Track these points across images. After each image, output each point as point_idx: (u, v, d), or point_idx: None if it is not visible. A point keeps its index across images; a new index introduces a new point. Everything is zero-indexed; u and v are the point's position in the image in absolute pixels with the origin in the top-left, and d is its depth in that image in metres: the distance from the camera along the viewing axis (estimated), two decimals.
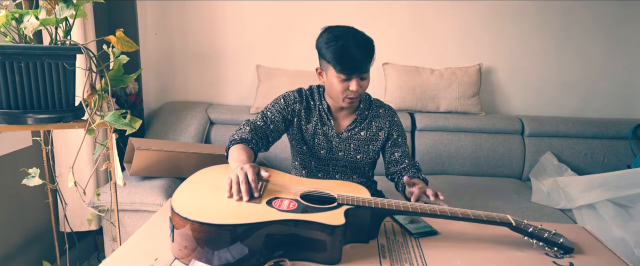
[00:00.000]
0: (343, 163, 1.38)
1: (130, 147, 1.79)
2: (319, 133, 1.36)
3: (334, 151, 1.37)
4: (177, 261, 0.85)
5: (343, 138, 1.36)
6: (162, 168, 1.76)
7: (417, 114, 2.27)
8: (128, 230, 1.73)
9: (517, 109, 2.44)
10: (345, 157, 1.37)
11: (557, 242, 0.95)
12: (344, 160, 1.38)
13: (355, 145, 1.37)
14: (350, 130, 1.36)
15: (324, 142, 1.36)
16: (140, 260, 0.85)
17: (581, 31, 2.32)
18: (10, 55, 1.03)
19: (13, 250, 1.63)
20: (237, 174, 0.93)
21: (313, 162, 1.40)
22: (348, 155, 1.37)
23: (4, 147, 1.55)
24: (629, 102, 2.41)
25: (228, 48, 2.40)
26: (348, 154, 1.37)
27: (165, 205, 1.18)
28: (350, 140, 1.36)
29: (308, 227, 0.85)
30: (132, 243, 0.93)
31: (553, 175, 2.01)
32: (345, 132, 1.35)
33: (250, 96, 2.41)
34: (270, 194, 0.96)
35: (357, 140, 1.36)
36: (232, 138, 1.23)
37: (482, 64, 2.31)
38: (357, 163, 1.39)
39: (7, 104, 1.07)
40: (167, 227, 0.94)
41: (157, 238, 0.94)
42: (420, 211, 0.97)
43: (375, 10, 2.31)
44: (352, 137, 1.36)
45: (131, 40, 1.16)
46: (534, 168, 2.13)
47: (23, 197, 1.66)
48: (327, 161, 1.38)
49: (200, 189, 0.96)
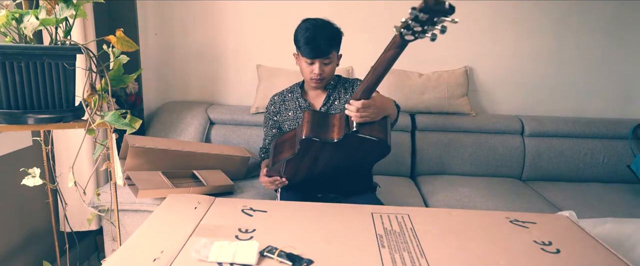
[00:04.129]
0: None
1: (125, 144, 1.79)
2: (299, 116, 1.57)
3: None
4: (181, 253, 0.87)
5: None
6: (157, 166, 1.76)
7: (418, 115, 2.27)
8: (128, 230, 1.73)
9: (517, 109, 2.43)
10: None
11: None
12: None
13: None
14: (326, 104, 1.57)
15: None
16: (146, 254, 0.87)
17: (581, 31, 2.31)
18: (10, 55, 1.03)
19: (13, 250, 1.63)
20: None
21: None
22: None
23: (4, 147, 1.55)
24: (629, 102, 2.41)
25: (228, 48, 2.40)
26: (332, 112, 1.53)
27: (165, 202, 1.19)
28: (328, 113, 1.54)
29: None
30: (137, 238, 0.94)
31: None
32: (322, 107, 1.57)
33: (251, 96, 2.41)
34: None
35: (334, 110, 1.56)
36: (262, 158, 1.71)
37: (468, 66, 2.32)
38: None
39: (7, 104, 1.07)
40: (169, 222, 1.00)
41: (161, 233, 0.96)
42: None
43: (375, 10, 2.31)
44: (329, 109, 1.56)
45: (131, 40, 1.16)
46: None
47: (23, 197, 1.66)
48: None
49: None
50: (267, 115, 1.68)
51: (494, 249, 0.96)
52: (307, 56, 1.45)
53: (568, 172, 2.19)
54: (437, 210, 1.23)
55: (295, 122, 1.58)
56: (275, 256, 0.87)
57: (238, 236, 0.98)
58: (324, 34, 1.43)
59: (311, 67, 1.47)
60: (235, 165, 1.93)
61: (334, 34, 1.46)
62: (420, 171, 2.22)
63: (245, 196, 1.75)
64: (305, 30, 1.43)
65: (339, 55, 1.54)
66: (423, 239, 0.99)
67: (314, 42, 1.42)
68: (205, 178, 1.71)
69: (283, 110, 1.62)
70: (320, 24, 1.45)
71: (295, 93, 1.62)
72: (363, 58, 2.36)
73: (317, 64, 1.46)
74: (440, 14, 0.83)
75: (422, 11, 0.81)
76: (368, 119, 1.21)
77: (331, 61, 1.48)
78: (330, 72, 1.50)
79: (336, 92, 1.58)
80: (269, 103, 1.68)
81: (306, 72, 1.50)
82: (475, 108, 2.40)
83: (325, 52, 1.44)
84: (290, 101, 1.61)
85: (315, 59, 1.45)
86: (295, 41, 1.48)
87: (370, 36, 2.34)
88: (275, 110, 1.64)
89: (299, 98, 1.60)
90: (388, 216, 1.12)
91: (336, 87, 1.59)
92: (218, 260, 0.86)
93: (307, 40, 1.42)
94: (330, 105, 1.57)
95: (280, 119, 1.63)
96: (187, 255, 0.88)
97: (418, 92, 2.25)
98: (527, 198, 1.88)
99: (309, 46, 1.42)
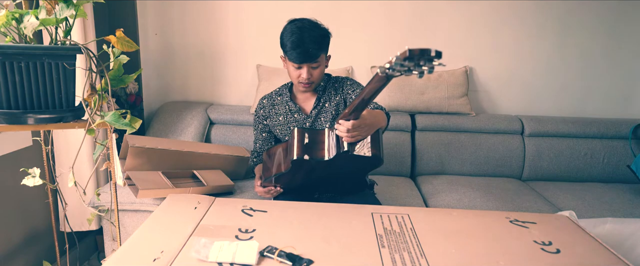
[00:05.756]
0: None
1: (125, 144, 1.79)
2: (291, 120, 1.54)
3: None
4: (181, 253, 0.87)
5: (313, 117, 1.52)
6: (157, 166, 1.76)
7: (418, 115, 2.27)
8: (128, 230, 1.73)
9: (517, 109, 2.43)
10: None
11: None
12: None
13: (325, 118, 1.51)
14: (316, 107, 1.52)
15: (298, 126, 1.52)
16: (146, 254, 0.87)
17: (581, 31, 2.31)
18: (10, 55, 1.03)
19: (13, 250, 1.63)
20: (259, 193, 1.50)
21: None
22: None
23: (4, 147, 1.55)
24: (629, 102, 2.41)
25: (228, 48, 2.40)
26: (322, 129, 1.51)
27: (165, 202, 1.19)
28: (319, 116, 1.52)
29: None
30: (137, 238, 0.94)
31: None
32: (312, 110, 1.52)
33: (250, 96, 2.41)
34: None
35: (325, 112, 1.52)
36: (255, 163, 1.66)
37: (468, 66, 2.32)
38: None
39: (7, 104, 1.07)
40: (169, 222, 1.00)
41: (161, 233, 0.96)
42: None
43: (375, 10, 2.31)
44: (320, 112, 1.52)
45: (131, 40, 1.16)
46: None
47: (23, 197, 1.66)
48: None
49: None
50: (256, 119, 1.63)
51: (494, 249, 0.96)
52: (295, 61, 1.39)
53: (568, 172, 2.19)
54: (437, 210, 1.23)
55: (286, 126, 1.55)
56: (275, 256, 0.87)
57: (238, 236, 0.98)
58: (311, 36, 1.36)
59: (299, 71, 1.42)
60: (235, 165, 1.93)
61: (322, 36, 1.39)
62: (420, 171, 2.22)
63: (245, 196, 1.75)
64: (291, 34, 1.37)
65: (328, 56, 1.49)
66: (423, 239, 0.99)
67: (301, 46, 1.35)
68: (205, 178, 1.71)
69: (273, 114, 1.57)
70: (307, 26, 1.38)
71: (284, 96, 1.56)
72: (363, 58, 2.36)
73: (305, 68, 1.40)
74: (426, 60, 0.77)
75: (406, 59, 0.76)
76: (359, 138, 1.19)
77: (319, 64, 1.42)
78: (319, 75, 1.44)
79: (326, 94, 1.53)
80: (257, 106, 1.62)
81: (294, 76, 1.45)
82: (475, 108, 2.40)
83: (313, 56, 1.38)
84: (280, 105, 1.56)
85: (303, 64, 1.39)
86: (282, 45, 1.42)
87: (370, 36, 2.34)
88: (265, 114, 1.59)
89: (288, 102, 1.54)
90: (388, 216, 1.12)
91: (326, 89, 1.53)
92: (218, 260, 0.86)
93: (293, 44, 1.36)
94: (321, 108, 1.52)
95: (271, 123, 1.59)
96: (187, 255, 0.88)
97: (418, 92, 2.25)
98: (527, 198, 1.88)
99: (296, 51, 1.36)
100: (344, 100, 1.53)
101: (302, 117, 1.53)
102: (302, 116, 1.53)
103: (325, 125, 1.51)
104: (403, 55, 0.75)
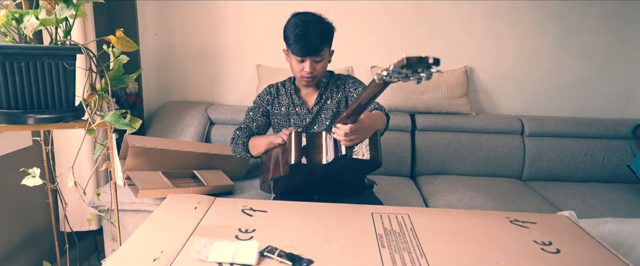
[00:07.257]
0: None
1: (125, 144, 1.79)
2: (292, 113, 1.54)
3: (309, 126, 1.52)
4: (181, 253, 0.87)
5: (314, 112, 1.52)
6: (157, 166, 1.76)
7: (418, 115, 2.27)
8: (128, 230, 1.73)
9: (517, 109, 2.43)
10: (321, 129, 1.48)
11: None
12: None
13: (326, 115, 1.52)
14: (318, 104, 1.52)
15: (298, 120, 1.53)
16: (146, 254, 0.87)
17: (581, 31, 2.31)
18: (10, 55, 1.03)
19: (13, 250, 1.63)
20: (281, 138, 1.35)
21: None
22: (322, 127, 1.50)
23: (4, 147, 1.55)
24: (629, 102, 2.41)
25: (228, 48, 2.40)
26: (322, 125, 1.51)
27: (165, 202, 1.19)
28: (320, 112, 1.52)
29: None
30: (137, 238, 0.94)
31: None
32: (314, 106, 1.52)
33: (251, 96, 2.41)
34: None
35: (326, 109, 1.52)
36: (241, 142, 1.52)
37: (468, 66, 2.32)
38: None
39: (7, 104, 1.07)
40: (169, 222, 0.99)
41: (161, 233, 0.96)
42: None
43: (375, 9, 2.31)
44: (321, 108, 1.52)
45: (131, 40, 1.16)
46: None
47: (23, 197, 1.66)
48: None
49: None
50: (259, 102, 1.58)
51: (494, 249, 0.96)
52: (298, 54, 1.38)
53: (568, 172, 2.19)
54: (437, 210, 1.23)
55: (287, 118, 1.54)
56: (275, 256, 0.87)
57: (238, 236, 0.98)
58: (315, 30, 1.35)
59: (302, 65, 1.41)
60: (235, 165, 1.93)
61: (326, 30, 1.39)
62: (420, 171, 2.22)
63: (245, 196, 1.75)
64: (295, 27, 1.36)
65: (331, 51, 1.48)
66: (423, 239, 0.99)
67: (305, 40, 1.35)
68: (205, 178, 1.71)
69: (276, 103, 1.56)
70: (311, 19, 1.38)
71: (288, 89, 1.56)
72: (363, 57, 2.36)
73: (308, 62, 1.40)
74: (424, 67, 0.76)
75: (403, 67, 0.75)
76: (357, 141, 1.19)
77: (323, 58, 1.42)
78: (321, 69, 1.44)
79: (328, 90, 1.53)
80: (264, 91, 1.59)
81: (296, 70, 1.45)
82: (475, 109, 2.40)
83: (316, 50, 1.38)
84: (284, 96, 1.56)
85: (306, 57, 1.39)
86: (285, 38, 1.41)
87: (370, 35, 2.34)
88: (270, 100, 1.57)
89: (292, 94, 1.54)
90: (388, 216, 1.12)
91: (328, 86, 1.53)
92: (218, 260, 0.86)
93: (297, 37, 1.35)
94: (323, 104, 1.52)
95: (272, 111, 1.57)
96: (187, 255, 0.88)
97: (418, 91, 2.25)
98: (527, 198, 1.88)
99: (300, 44, 1.36)
100: (345, 98, 1.53)
101: (303, 112, 1.52)
102: (303, 110, 1.53)
103: (325, 122, 1.52)
104: (400, 63, 0.75)
